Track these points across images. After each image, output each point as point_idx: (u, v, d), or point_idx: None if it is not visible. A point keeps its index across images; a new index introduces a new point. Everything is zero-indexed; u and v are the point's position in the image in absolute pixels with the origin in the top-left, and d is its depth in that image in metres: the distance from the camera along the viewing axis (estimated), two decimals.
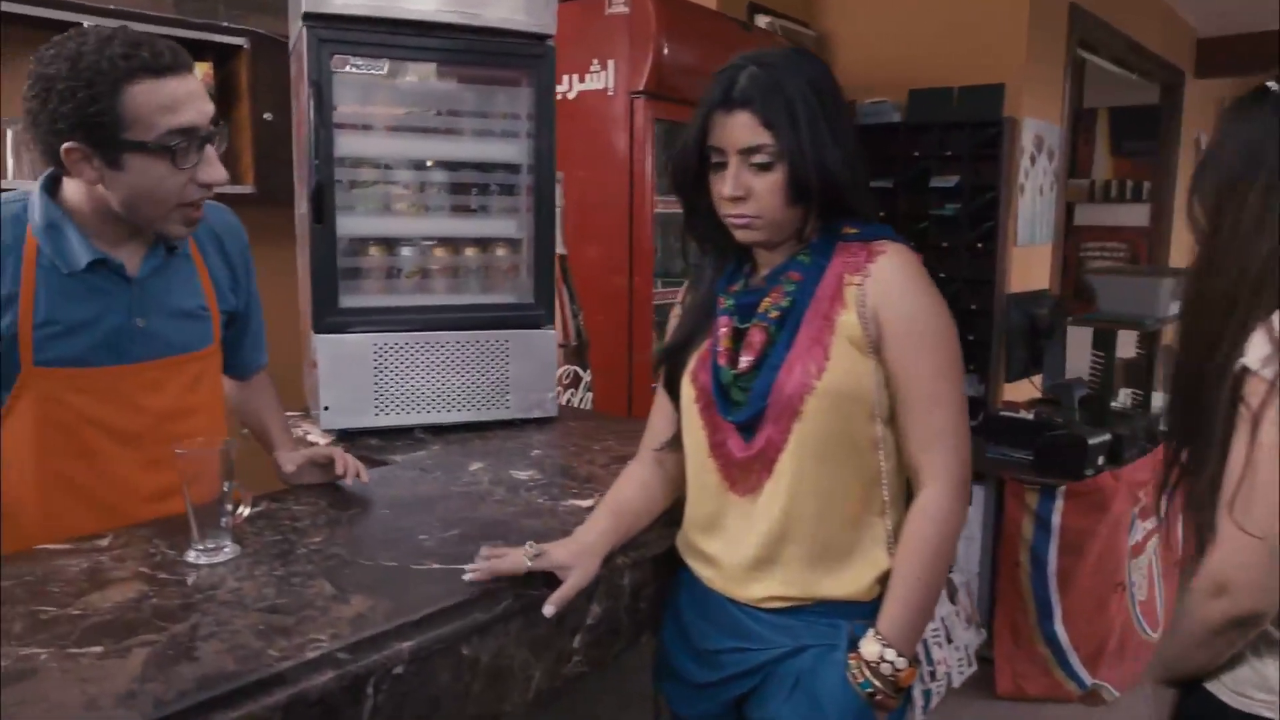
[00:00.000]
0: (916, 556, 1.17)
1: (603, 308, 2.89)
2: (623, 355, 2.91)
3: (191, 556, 1.21)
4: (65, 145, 1.20)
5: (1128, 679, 3.11)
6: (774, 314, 1.22)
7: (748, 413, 1.20)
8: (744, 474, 1.22)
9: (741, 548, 1.23)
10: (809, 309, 1.20)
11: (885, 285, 1.17)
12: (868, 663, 1.15)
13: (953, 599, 2.97)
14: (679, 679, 1.34)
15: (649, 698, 1.49)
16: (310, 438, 1.90)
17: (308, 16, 1.71)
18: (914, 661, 1.17)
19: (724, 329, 1.26)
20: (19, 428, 1.30)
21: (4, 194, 1.33)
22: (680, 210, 1.33)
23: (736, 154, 1.18)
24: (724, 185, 1.20)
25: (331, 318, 1.82)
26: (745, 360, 1.22)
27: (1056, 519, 2.99)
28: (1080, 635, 3.02)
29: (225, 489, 1.21)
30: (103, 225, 1.30)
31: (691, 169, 1.25)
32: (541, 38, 1.89)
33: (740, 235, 1.23)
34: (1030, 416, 3.35)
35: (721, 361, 1.24)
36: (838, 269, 1.21)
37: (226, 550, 1.22)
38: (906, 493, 1.24)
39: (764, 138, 1.17)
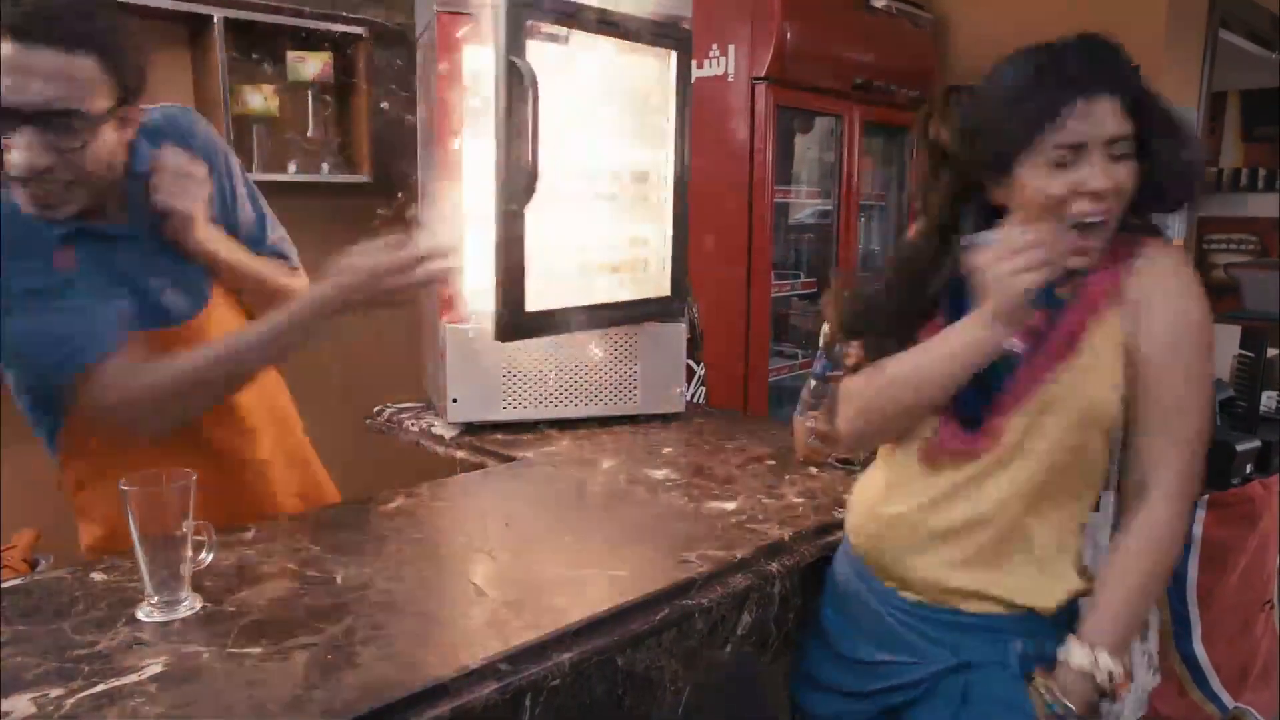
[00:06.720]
0: (1132, 574, 1.09)
1: (718, 300, 2.81)
2: (739, 349, 2.83)
3: (143, 614, 1.03)
4: None
5: (1275, 705, 2.90)
6: None
7: (975, 403, 1.11)
8: (953, 460, 1.14)
9: (929, 515, 1.15)
10: (1066, 302, 1.11)
11: (1147, 284, 1.09)
12: (1080, 671, 1.06)
13: (1143, 636, 2.79)
14: (823, 687, 1.28)
15: (786, 709, 1.42)
16: (435, 430, 1.88)
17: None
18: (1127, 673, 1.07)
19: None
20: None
21: None
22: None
23: (1103, 144, 1.04)
24: (1089, 177, 1.04)
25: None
26: None
27: (1198, 530, 2.79)
28: (1222, 656, 2.83)
29: (184, 530, 1.03)
30: None
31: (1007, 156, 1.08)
32: (675, 22, 1.81)
33: (1081, 242, 1.06)
34: None
35: None
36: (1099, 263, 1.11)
37: (186, 604, 1.04)
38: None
39: (1127, 127, 1.04)
